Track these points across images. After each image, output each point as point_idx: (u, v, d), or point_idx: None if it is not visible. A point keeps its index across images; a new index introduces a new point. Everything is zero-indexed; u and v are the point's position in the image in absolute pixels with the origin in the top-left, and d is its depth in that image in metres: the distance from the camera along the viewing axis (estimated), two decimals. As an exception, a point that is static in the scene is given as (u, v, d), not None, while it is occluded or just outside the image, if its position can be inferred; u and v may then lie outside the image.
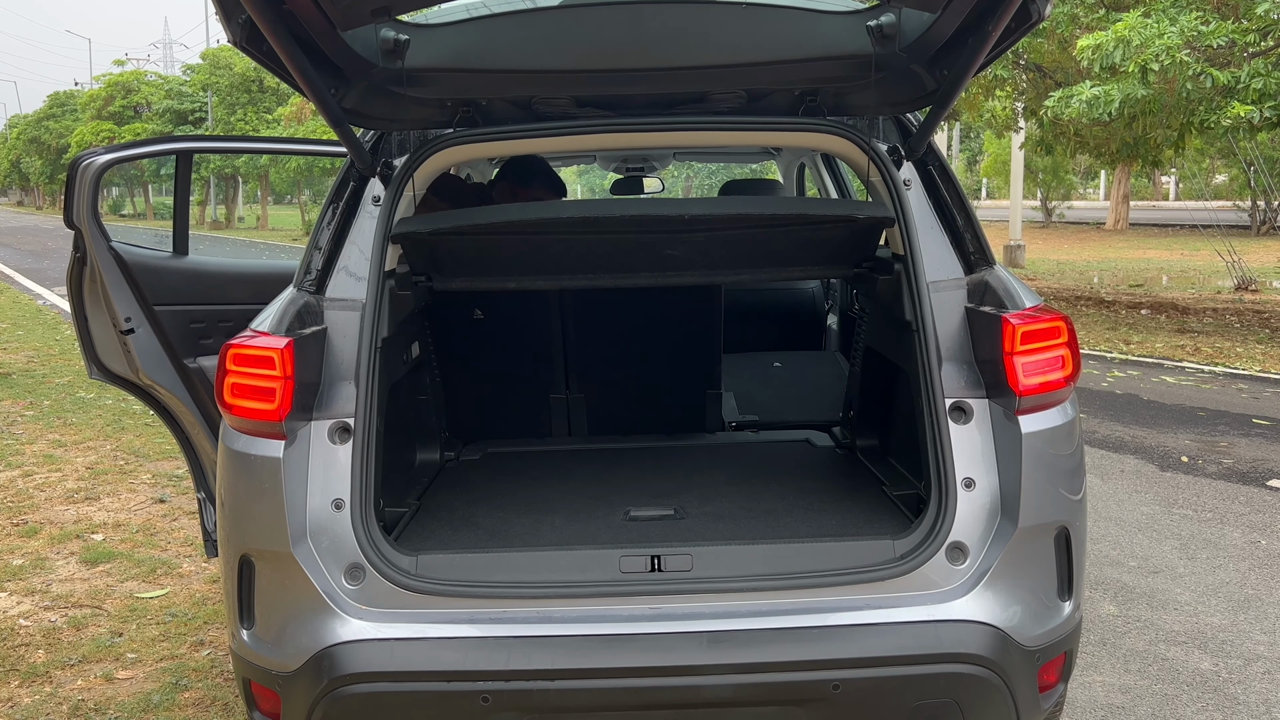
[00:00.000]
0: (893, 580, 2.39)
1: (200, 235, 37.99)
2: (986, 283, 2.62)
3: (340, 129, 2.56)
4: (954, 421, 2.51)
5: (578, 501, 2.96)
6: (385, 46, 2.52)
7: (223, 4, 2.10)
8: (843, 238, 2.87)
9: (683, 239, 2.79)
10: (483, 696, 2.26)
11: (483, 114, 2.78)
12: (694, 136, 2.80)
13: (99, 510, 5.70)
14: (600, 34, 2.60)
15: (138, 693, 3.61)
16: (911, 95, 2.65)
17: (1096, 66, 10.25)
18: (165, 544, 5.15)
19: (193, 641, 4.02)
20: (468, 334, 3.57)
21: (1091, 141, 13.62)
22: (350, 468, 2.47)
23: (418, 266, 2.93)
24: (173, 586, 4.59)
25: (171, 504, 5.80)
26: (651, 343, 3.70)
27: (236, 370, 2.46)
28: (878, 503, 2.91)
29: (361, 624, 2.37)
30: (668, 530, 2.72)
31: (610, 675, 2.28)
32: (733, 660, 2.28)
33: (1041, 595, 2.46)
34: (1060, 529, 2.47)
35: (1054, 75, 13.48)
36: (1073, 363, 2.51)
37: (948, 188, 2.74)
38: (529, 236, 2.81)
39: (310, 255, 2.72)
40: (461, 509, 2.94)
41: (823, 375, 3.79)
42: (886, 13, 2.51)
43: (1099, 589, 4.48)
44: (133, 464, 6.64)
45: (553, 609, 2.36)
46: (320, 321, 2.59)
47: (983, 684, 2.31)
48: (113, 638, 4.05)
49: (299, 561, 2.40)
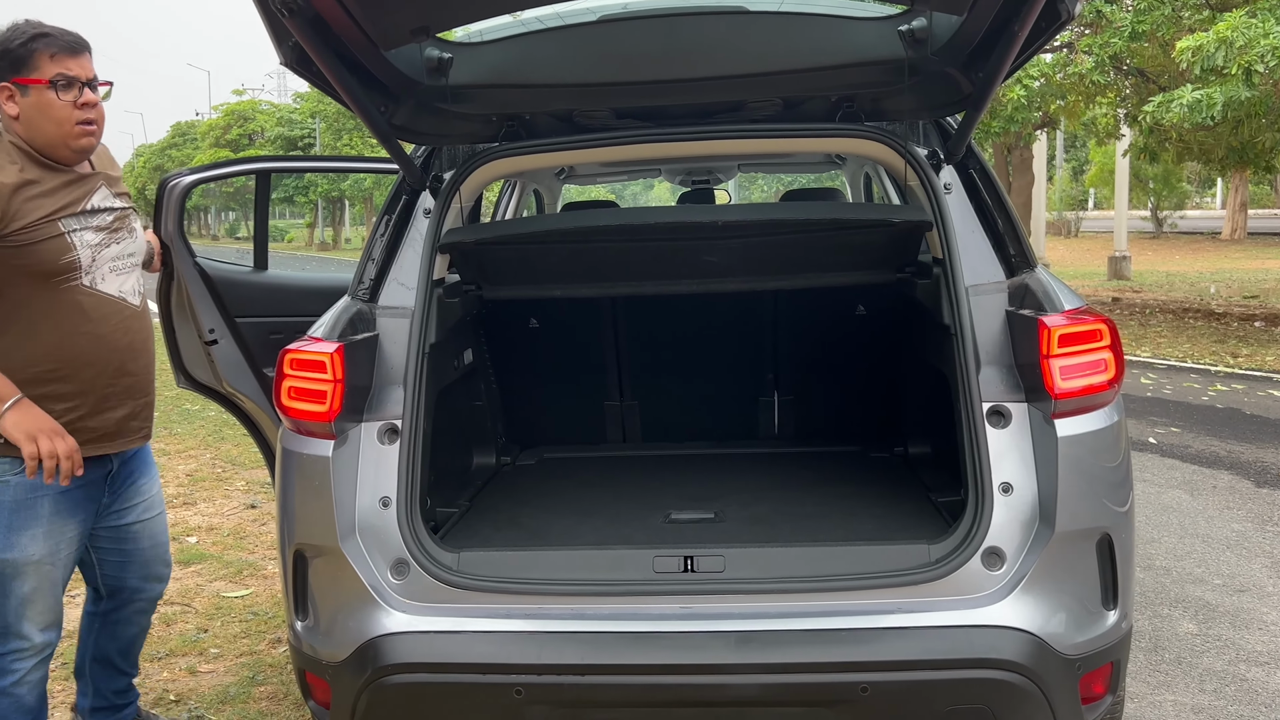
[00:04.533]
0: (926, 584, 2.37)
1: (307, 256, 39.48)
2: (1027, 285, 2.59)
3: (389, 145, 2.69)
4: (992, 426, 2.48)
5: (620, 504, 3.01)
6: (430, 65, 2.64)
7: (274, 29, 2.24)
8: (882, 242, 2.87)
9: (720, 245, 2.83)
10: (516, 689, 2.33)
11: (526, 128, 2.87)
12: (731, 145, 2.84)
13: (195, 514, 5.99)
14: (637, 46, 2.67)
15: (217, 685, 3.79)
16: (947, 98, 2.65)
17: (1197, 69, 9.90)
18: (253, 547, 5.40)
19: (271, 639, 4.20)
20: (523, 342, 3.67)
21: (1196, 147, 13.13)
22: (397, 467, 2.58)
23: (467, 276, 3.04)
24: (256, 587, 4.80)
25: (262, 509, 6.06)
26: (703, 351, 3.74)
27: (292, 374, 2.59)
28: (920, 508, 2.89)
29: (405, 617, 2.46)
30: (704, 533, 2.76)
31: (639, 671, 2.33)
32: (760, 660, 2.30)
33: (1083, 603, 2.41)
34: (1102, 535, 2.41)
35: (1157, 80, 13.05)
36: (1115, 366, 2.46)
37: (989, 190, 2.72)
38: (569, 245, 2.89)
39: (364, 266, 2.85)
40: (508, 510, 3.03)
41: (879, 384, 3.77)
42: (918, 17, 2.52)
43: (1178, 607, 4.32)
44: (229, 472, 6.96)
45: (586, 606, 2.42)
46: (372, 328, 2.72)
47: (1017, 691, 2.27)
48: (198, 634, 4.26)
49: (347, 556, 2.51)
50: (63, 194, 2.66)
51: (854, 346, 3.72)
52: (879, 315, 3.61)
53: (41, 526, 2.72)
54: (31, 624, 2.77)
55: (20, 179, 2.60)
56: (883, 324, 3.57)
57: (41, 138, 2.62)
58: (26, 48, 2.59)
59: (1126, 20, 11.67)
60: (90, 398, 2.72)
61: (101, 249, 2.73)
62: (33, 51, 2.59)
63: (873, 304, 3.62)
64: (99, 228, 2.73)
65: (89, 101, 2.63)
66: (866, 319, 3.66)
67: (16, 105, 2.62)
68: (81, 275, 2.68)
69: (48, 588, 2.78)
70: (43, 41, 2.59)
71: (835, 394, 3.87)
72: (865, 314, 3.65)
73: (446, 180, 2.85)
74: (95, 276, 2.71)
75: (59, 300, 2.66)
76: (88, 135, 2.66)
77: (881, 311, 3.58)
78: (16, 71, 2.60)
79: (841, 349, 3.76)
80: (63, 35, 2.63)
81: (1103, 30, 12.18)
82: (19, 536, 2.70)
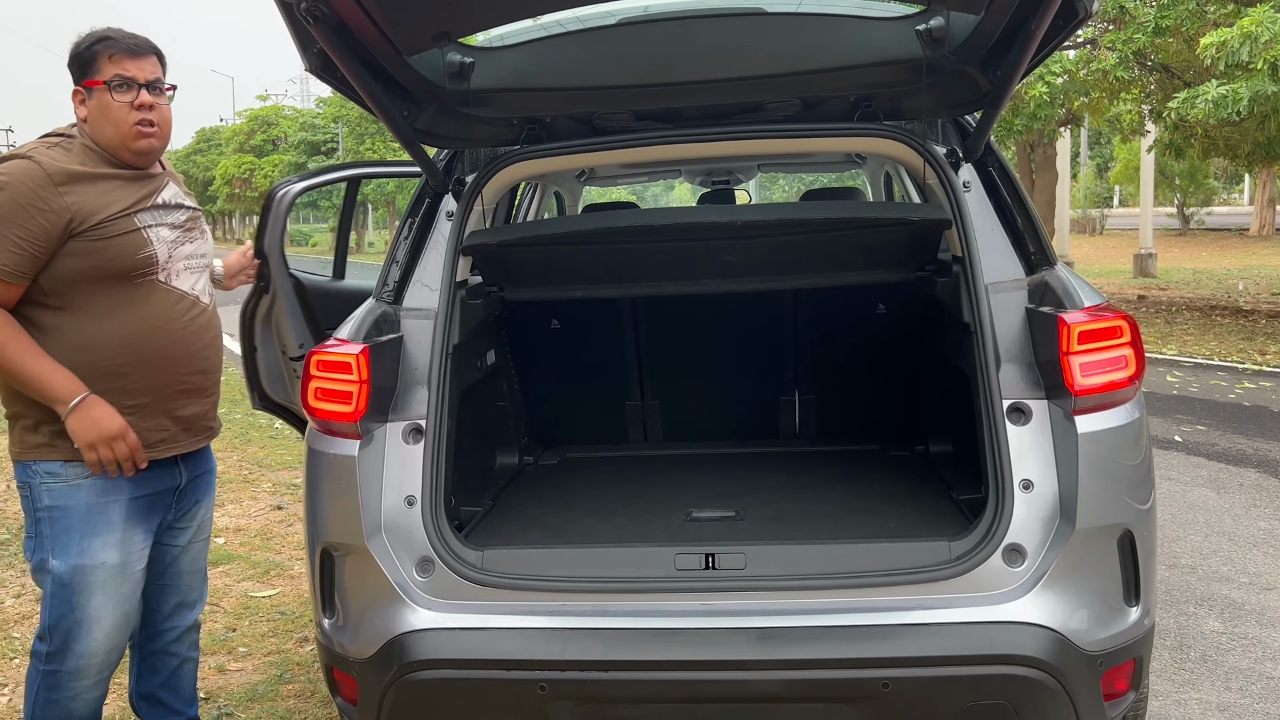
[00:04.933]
0: (947, 581, 2.38)
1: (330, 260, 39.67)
2: (1046, 283, 2.59)
3: (412, 148, 2.73)
4: (1012, 423, 2.49)
5: (642, 503, 3.04)
6: (451, 70, 2.67)
7: (299, 36, 2.28)
8: (902, 241, 2.88)
9: (739, 245, 2.85)
10: (540, 685, 2.36)
11: (547, 130, 2.90)
12: (750, 145, 2.86)
13: (222, 516, 6.06)
14: (656, 49, 2.69)
15: (245, 683, 3.84)
16: (965, 97, 2.65)
17: (1222, 64, 9.81)
18: (280, 547, 5.46)
19: (298, 638, 4.25)
20: (545, 343, 3.71)
21: (1222, 143, 12.99)
22: (422, 467, 2.61)
23: (489, 277, 3.07)
24: (284, 587, 4.86)
25: (288, 510, 6.13)
26: (724, 350, 3.76)
27: (318, 375, 2.63)
28: (941, 506, 2.90)
29: (430, 614, 2.49)
30: (725, 530, 2.78)
31: (661, 668, 2.35)
32: (781, 656, 2.32)
33: (1104, 599, 2.41)
34: (1124, 532, 2.42)
35: (1182, 75, 12.93)
36: (1136, 363, 2.46)
37: (1008, 188, 2.72)
38: (590, 246, 2.92)
39: (388, 268, 2.89)
40: (531, 508, 3.06)
41: (900, 382, 3.78)
42: (935, 16, 2.53)
43: (1204, 605, 4.29)
44: (255, 474, 7.04)
45: (608, 603, 2.44)
46: (396, 330, 2.75)
47: (1038, 687, 2.28)
48: (227, 633, 4.32)
49: (373, 554, 2.55)
50: (134, 189, 2.68)
51: (874, 345, 3.73)
52: (899, 314, 3.62)
53: (116, 533, 2.68)
54: (95, 642, 2.69)
55: (89, 172, 2.62)
56: (903, 322, 3.57)
57: (104, 139, 2.65)
58: (90, 50, 2.64)
59: (1150, 15, 11.59)
60: (164, 392, 2.72)
61: (177, 246, 2.75)
62: (95, 54, 2.63)
63: (893, 302, 3.63)
64: (173, 225, 2.75)
65: (145, 103, 2.63)
66: (886, 317, 3.66)
67: (85, 108, 2.67)
68: (158, 271, 2.69)
69: (117, 602, 2.70)
70: (104, 44, 2.63)
71: (856, 392, 3.88)
72: (885, 312, 3.66)
73: (469, 183, 2.89)
74: (170, 272, 2.72)
75: (136, 295, 2.66)
76: (145, 137, 2.65)
77: (901, 310, 3.59)
78: (84, 75, 2.65)
79: (862, 347, 3.76)
80: (125, 38, 2.66)
81: (1126, 26, 12.08)
82: (91, 543, 2.65)
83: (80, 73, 2.66)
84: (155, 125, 2.67)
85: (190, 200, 2.87)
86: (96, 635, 2.69)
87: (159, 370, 2.70)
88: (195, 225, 2.85)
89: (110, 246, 2.61)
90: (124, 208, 2.64)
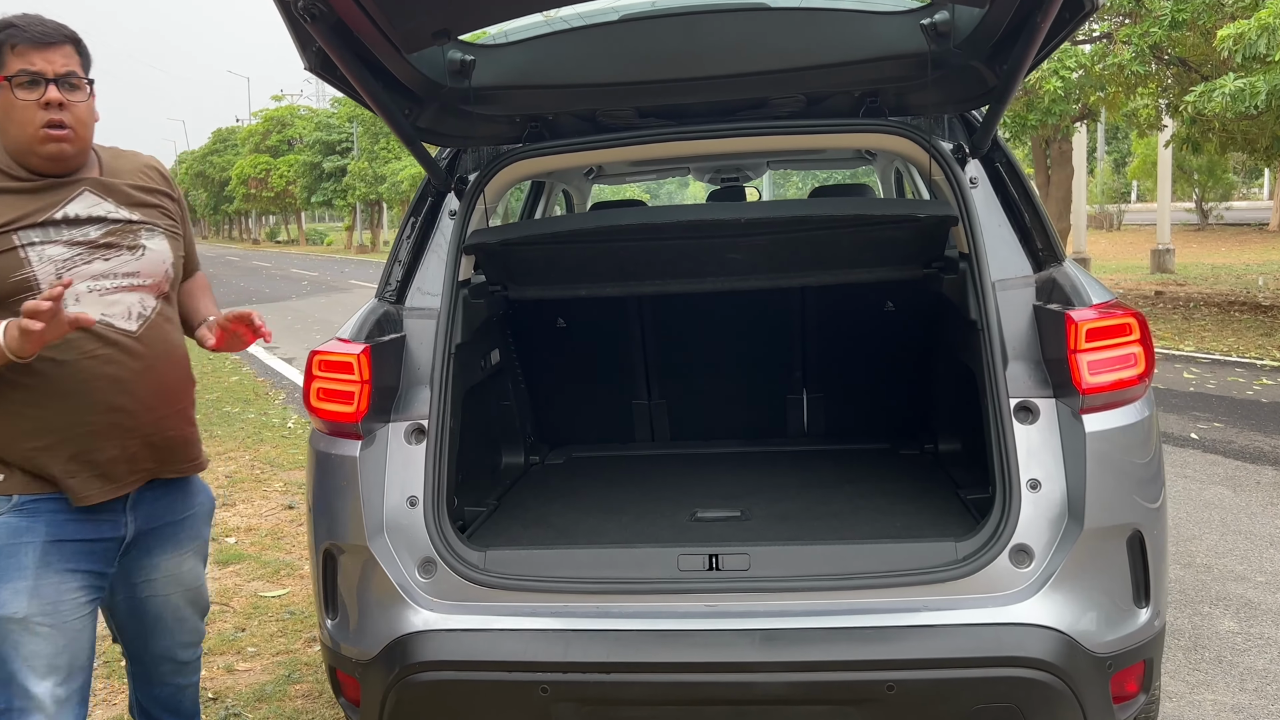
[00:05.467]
0: (953, 582, 2.35)
1: (346, 260, 39.89)
2: (1054, 279, 2.56)
3: (413, 147, 2.72)
4: (1020, 421, 2.46)
5: (648, 503, 3.02)
6: (452, 68, 2.66)
7: (297, 35, 2.28)
8: (908, 238, 2.85)
9: (745, 243, 2.82)
10: (541, 687, 2.35)
11: (550, 128, 2.89)
12: (754, 141, 2.84)
13: (234, 515, 6.08)
14: (658, 45, 2.67)
15: (254, 684, 3.85)
16: (972, 92, 2.62)
17: (1239, 57, 9.70)
18: (290, 547, 5.47)
19: (307, 638, 4.25)
20: (551, 342, 3.69)
21: (1240, 137, 12.86)
22: (424, 467, 2.60)
23: (493, 276, 3.06)
24: (293, 587, 4.86)
25: (299, 510, 6.14)
26: (731, 348, 3.74)
27: (320, 375, 2.63)
28: (949, 506, 2.87)
29: (432, 615, 2.48)
30: (730, 531, 2.76)
31: (664, 670, 2.33)
32: (786, 658, 2.29)
33: (1113, 600, 2.38)
34: (1133, 532, 2.38)
35: (1199, 69, 12.80)
36: (1145, 361, 2.42)
37: (1015, 184, 2.69)
38: (594, 244, 2.90)
39: (391, 267, 2.88)
40: (536, 508, 3.05)
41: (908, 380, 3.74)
42: (940, 10, 2.50)
43: (1219, 604, 4.24)
44: (267, 473, 7.06)
45: (611, 604, 2.42)
46: (399, 329, 2.74)
47: (1045, 689, 2.25)
48: (236, 633, 4.33)
49: (375, 555, 2.54)
50: (24, 201, 2.23)
51: (882, 343, 3.70)
52: (906, 311, 3.59)
53: (25, 580, 2.24)
54: (37, 678, 2.27)
55: None
56: (910, 320, 3.54)
57: (10, 143, 2.23)
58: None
59: (1166, 9, 11.46)
60: (63, 434, 2.26)
61: (74, 265, 2.25)
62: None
63: (900, 300, 3.60)
64: (74, 241, 2.26)
65: (53, 100, 2.19)
66: (894, 315, 3.64)
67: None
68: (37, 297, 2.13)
69: (48, 647, 2.28)
70: (6, 33, 2.20)
71: (864, 391, 3.85)
72: (893, 310, 3.63)
73: (471, 181, 2.87)
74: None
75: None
76: (54, 140, 2.22)
77: (909, 307, 3.56)
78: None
79: (869, 345, 3.74)
80: (30, 25, 2.21)
81: (1142, 20, 11.97)
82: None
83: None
84: (68, 127, 2.23)
85: (131, 211, 2.37)
86: (34, 693, 2.26)
87: (56, 410, 2.25)
88: (123, 240, 2.33)
89: None
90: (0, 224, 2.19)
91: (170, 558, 2.54)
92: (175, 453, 2.45)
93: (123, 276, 2.33)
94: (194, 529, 2.58)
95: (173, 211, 2.50)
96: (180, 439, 2.46)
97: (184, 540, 2.56)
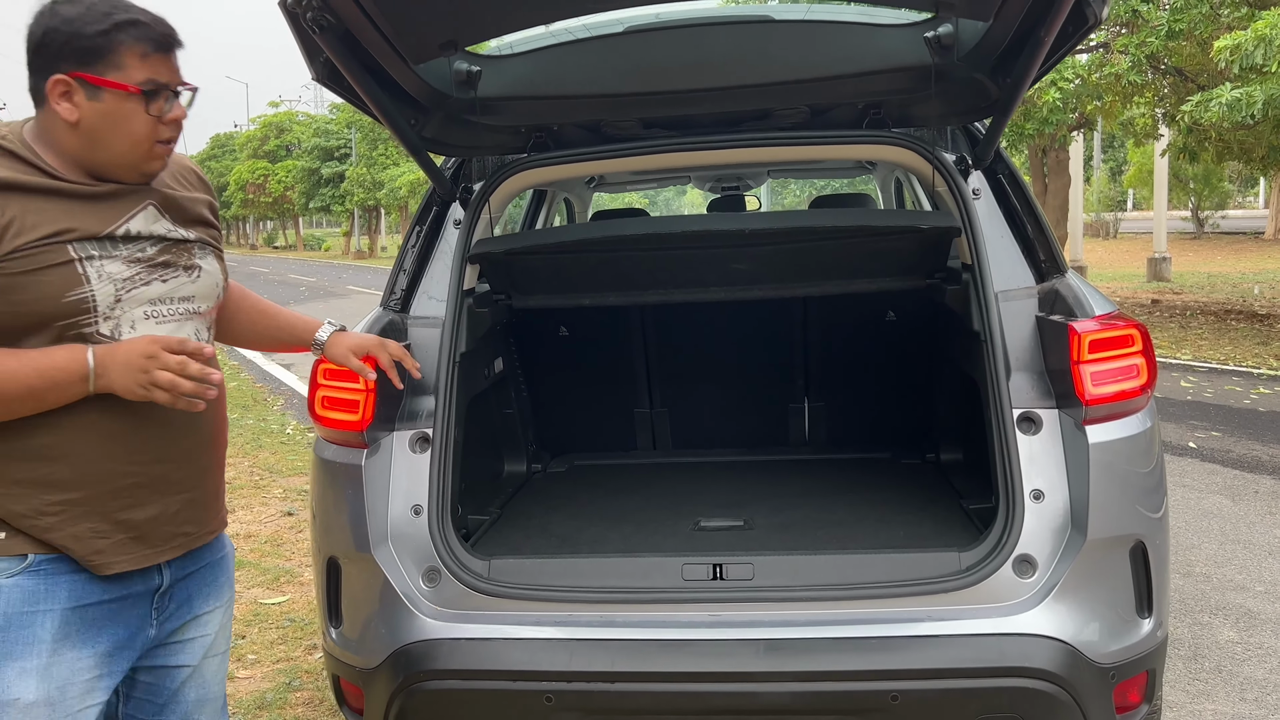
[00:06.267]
0: (957, 592, 2.36)
1: (344, 265, 39.91)
2: (1057, 291, 2.57)
3: (419, 157, 2.73)
4: (1023, 432, 2.47)
5: (650, 512, 3.03)
6: (458, 78, 2.67)
7: (305, 45, 2.29)
8: (911, 249, 2.87)
9: (748, 253, 2.84)
10: (546, 696, 2.35)
11: (555, 138, 2.90)
12: (758, 152, 2.85)
13: (233, 522, 6.07)
14: (663, 57, 2.69)
15: (254, 691, 3.84)
16: (974, 104, 2.64)
17: (1236, 67, 9.75)
18: (290, 554, 5.46)
19: (307, 645, 4.25)
20: (553, 351, 3.70)
21: (1236, 146, 12.92)
22: (428, 476, 2.60)
23: (497, 285, 3.07)
24: (293, 594, 4.86)
25: (298, 516, 6.14)
26: (733, 357, 3.75)
27: (325, 383, 2.63)
28: (952, 516, 2.88)
29: (436, 624, 2.49)
30: (733, 540, 2.76)
31: (668, 679, 2.33)
32: (789, 668, 2.30)
33: (1117, 610, 2.39)
34: (1136, 542, 2.39)
35: (1196, 79, 12.85)
36: (1147, 372, 2.44)
37: (1018, 195, 2.71)
38: (598, 254, 2.91)
39: (395, 276, 2.89)
40: (539, 517, 3.05)
41: (910, 390, 3.76)
42: (943, 23, 2.52)
43: (1219, 614, 4.25)
44: (266, 480, 7.05)
45: (615, 613, 2.43)
46: (404, 338, 2.75)
47: (1049, 700, 2.26)
48: (236, 640, 4.32)
49: (380, 564, 2.54)
50: (79, 210, 1.83)
51: (884, 353, 3.72)
52: (909, 321, 3.60)
53: (39, 657, 1.81)
54: None
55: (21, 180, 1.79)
56: (913, 330, 3.56)
57: (104, 154, 1.84)
58: (109, 37, 1.79)
59: (1163, 19, 11.52)
60: (99, 488, 1.85)
61: (135, 286, 1.88)
62: (117, 44, 1.80)
63: (903, 310, 3.62)
64: (134, 259, 1.88)
65: (178, 117, 1.89)
66: (897, 325, 3.65)
67: (78, 109, 1.80)
68: (98, 320, 1.82)
69: None
70: (132, 32, 1.81)
71: (866, 400, 3.86)
72: (895, 320, 3.65)
73: (476, 191, 2.88)
74: (119, 323, 1.85)
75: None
76: (161, 157, 1.92)
77: (911, 318, 3.57)
78: (87, 65, 1.79)
79: (872, 355, 3.75)
80: (155, 24, 1.85)
81: (1139, 29, 12.02)
82: (3, 670, 1.79)
83: (77, 59, 1.79)
84: (174, 142, 1.94)
85: (187, 230, 2.00)
86: None
87: (97, 456, 1.85)
88: (178, 259, 1.96)
89: (24, 286, 1.76)
90: (54, 231, 1.79)
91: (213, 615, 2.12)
92: (209, 509, 2.07)
93: (179, 301, 1.97)
94: (224, 578, 2.16)
95: (216, 224, 2.15)
96: (214, 493, 2.09)
97: (221, 590, 2.14)
